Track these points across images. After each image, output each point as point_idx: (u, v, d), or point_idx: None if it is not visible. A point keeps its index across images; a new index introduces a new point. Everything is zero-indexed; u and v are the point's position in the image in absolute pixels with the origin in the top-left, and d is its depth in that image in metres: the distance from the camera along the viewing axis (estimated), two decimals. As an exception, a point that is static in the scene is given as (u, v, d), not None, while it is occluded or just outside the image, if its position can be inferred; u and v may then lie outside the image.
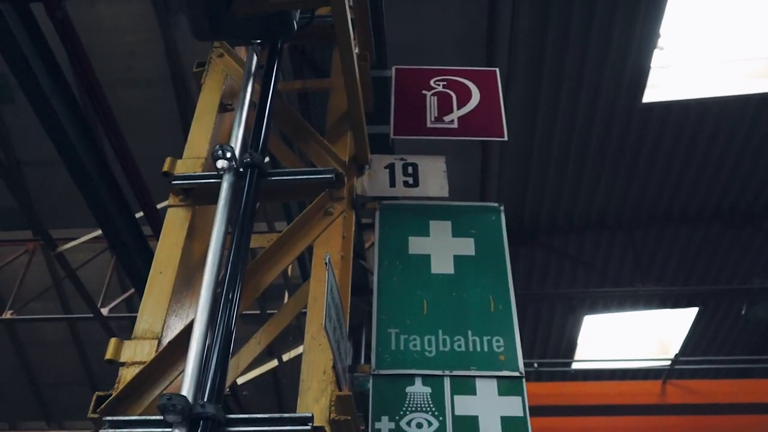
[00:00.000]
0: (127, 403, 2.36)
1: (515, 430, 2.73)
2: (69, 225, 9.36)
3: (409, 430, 2.70)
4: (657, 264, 11.28)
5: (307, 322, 2.56)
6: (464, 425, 2.72)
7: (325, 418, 2.28)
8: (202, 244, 2.91)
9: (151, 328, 2.58)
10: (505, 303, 3.09)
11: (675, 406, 10.43)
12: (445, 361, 2.90)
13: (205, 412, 2.11)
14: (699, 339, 12.44)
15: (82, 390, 13.23)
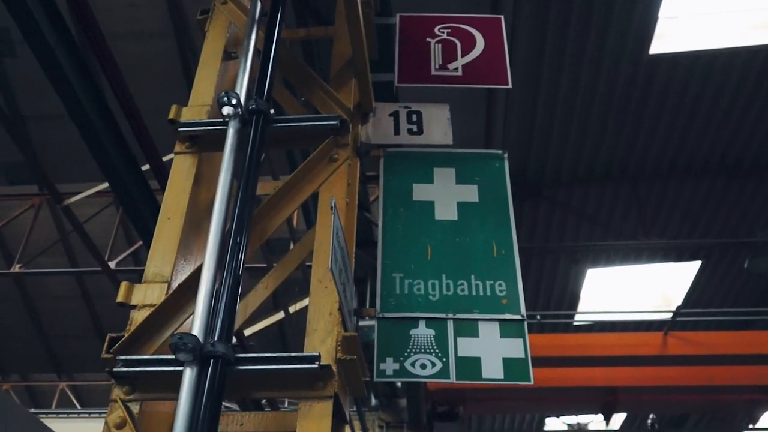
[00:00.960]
0: (139, 344, 2.42)
1: (517, 370, 2.80)
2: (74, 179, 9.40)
3: (413, 370, 2.77)
4: (661, 217, 11.31)
5: (314, 265, 2.61)
6: (467, 366, 2.78)
7: (332, 358, 2.33)
8: (209, 191, 2.94)
9: (161, 272, 2.62)
10: (507, 248, 3.13)
11: (675, 357, 10.56)
12: (448, 305, 2.95)
13: (215, 351, 2.17)
14: (701, 292, 12.53)
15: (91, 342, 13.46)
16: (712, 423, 16.20)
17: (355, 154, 3.11)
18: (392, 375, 2.79)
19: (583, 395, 11.33)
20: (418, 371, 2.77)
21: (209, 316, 2.26)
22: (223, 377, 2.16)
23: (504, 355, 2.81)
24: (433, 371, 2.76)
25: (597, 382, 10.95)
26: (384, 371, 2.78)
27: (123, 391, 2.33)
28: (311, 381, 2.27)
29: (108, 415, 2.29)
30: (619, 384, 10.94)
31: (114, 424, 2.25)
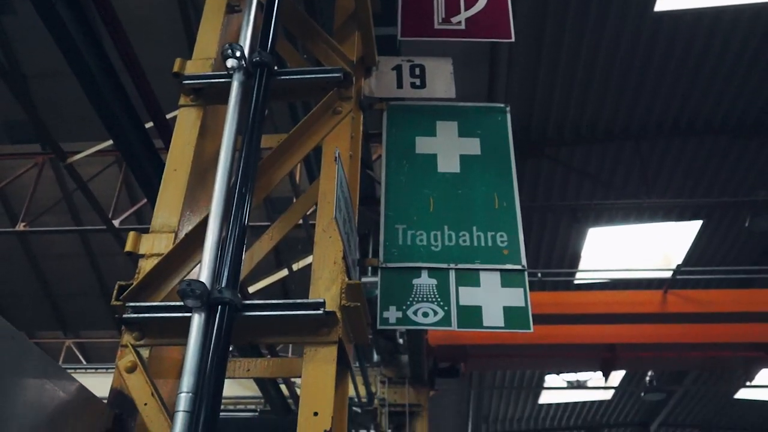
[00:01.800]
0: (148, 292, 2.47)
1: (517, 318, 2.86)
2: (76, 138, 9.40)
3: (415, 318, 2.83)
4: (663, 176, 11.32)
5: (318, 215, 2.65)
6: (468, 314, 2.85)
7: (336, 305, 2.39)
8: (214, 144, 2.97)
9: (168, 222, 2.67)
10: (509, 200, 3.17)
11: (675, 314, 10.67)
12: (450, 255, 3.00)
13: (223, 297, 2.22)
14: (702, 251, 12.60)
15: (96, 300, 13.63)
16: (709, 380, 16.44)
17: (359, 107, 3.13)
18: (395, 323, 2.85)
19: (582, 352, 11.49)
20: (420, 319, 2.83)
21: (216, 263, 2.30)
22: (231, 323, 2.22)
23: (505, 304, 2.87)
24: (435, 319, 2.83)
25: (596, 339, 11.10)
26: (387, 319, 2.84)
27: (133, 336, 2.40)
28: (316, 327, 2.33)
29: (119, 360, 2.36)
30: (619, 341, 11.09)
31: (125, 368, 2.32)
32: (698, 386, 16.57)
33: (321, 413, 2.20)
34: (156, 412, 2.21)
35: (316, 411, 2.20)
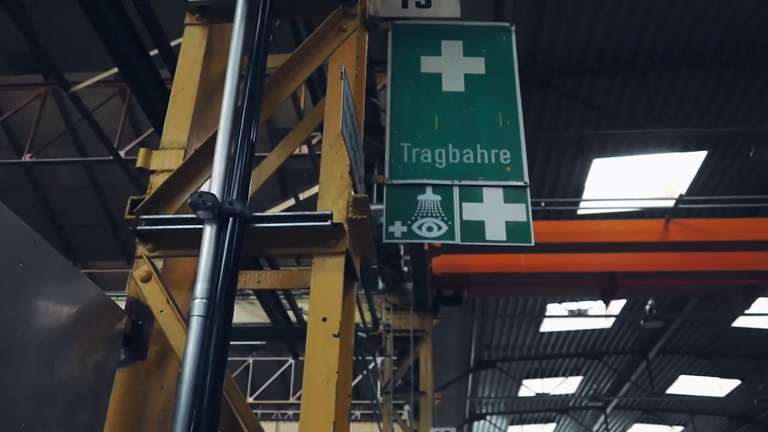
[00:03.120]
0: (160, 205, 2.54)
1: (519, 233, 2.93)
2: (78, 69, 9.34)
3: (420, 232, 2.91)
4: (669, 107, 11.25)
5: (325, 131, 2.70)
6: (471, 229, 2.92)
7: (343, 217, 2.46)
8: (220, 64, 2.99)
9: (177, 139, 2.72)
10: (512, 118, 3.20)
11: (676, 243, 10.80)
12: (454, 172, 3.06)
13: (234, 209, 2.29)
14: (706, 182, 12.62)
15: (103, 231, 13.80)
16: (708, 308, 16.72)
17: (364, 26, 3.13)
18: (400, 237, 2.93)
19: (583, 280, 11.68)
20: (424, 233, 2.91)
21: (226, 177, 2.36)
22: (241, 234, 2.29)
23: (507, 219, 2.93)
24: (439, 234, 2.90)
25: (598, 268, 11.27)
26: (392, 233, 2.92)
27: (147, 248, 2.48)
28: (324, 238, 2.41)
29: (134, 270, 2.45)
30: (620, 269, 11.25)
31: (140, 278, 2.41)
32: (697, 315, 16.86)
33: (329, 319, 2.30)
34: (172, 318, 2.31)
35: (325, 317, 2.30)
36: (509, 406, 24.49)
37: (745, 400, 21.12)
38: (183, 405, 2.06)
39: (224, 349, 2.17)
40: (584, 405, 24.27)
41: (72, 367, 1.99)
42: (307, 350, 2.28)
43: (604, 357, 20.14)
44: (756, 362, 19.09)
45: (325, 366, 2.22)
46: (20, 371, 1.74)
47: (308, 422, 2.16)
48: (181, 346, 2.18)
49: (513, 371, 20.63)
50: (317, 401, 2.18)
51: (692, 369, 20.55)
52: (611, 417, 24.96)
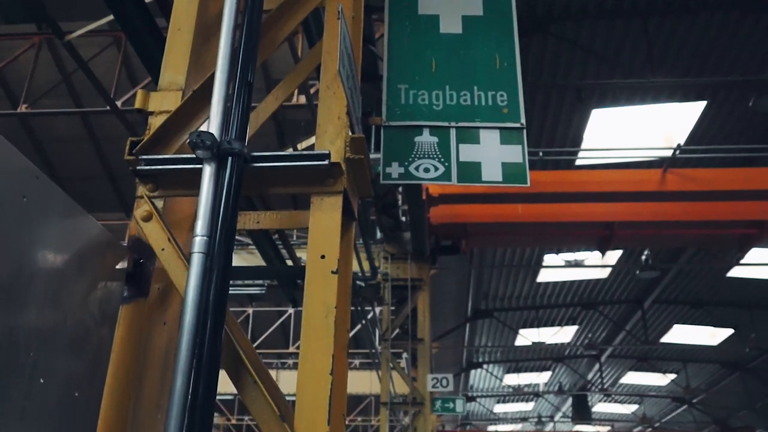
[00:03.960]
0: (159, 146, 2.56)
1: (515, 174, 2.96)
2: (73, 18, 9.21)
3: (417, 173, 2.94)
4: (670, 55, 11.15)
5: (322, 72, 2.69)
6: (467, 170, 2.94)
7: (341, 157, 2.49)
8: (217, 4, 2.97)
9: (175, 80, 2.72)
10: (510, 60, 3.20)
11: (673, 192, 10.84)
12: (451, 114, 3.07)
13: (232, 148, 2.31)
14: (705, 132, 12.59)
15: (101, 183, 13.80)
16: (704, 258, 16.87)
17: (361, -33, 3.09)
18: (397, 178, 2.96)
19: (580, 230, 11.76)
20: (421, 174, 2.94)
21: (224, 116, 2.38)
22: (240, 173, 2.32)
23: (503, 160, 2.96)
24: (436, 175, 2.93)
25: (594, 218, 11.34)
26: (390, 174, 2.95)
27: (147, 188, 2.51)
28: (322, 177, 2.43)
29: (135, 210, 2.48)
30: (617, 219, 11.33)
31: (141, 218, 2.45)
32: (692, 265, 17.01)
33: (328, 256, 2.34)
34: (173, 256, 2.35)
35: (323, 254, 2.34)
36: (506, 354, 24.90)
37: (738, 348, 21.49)
38: (185, 340, 2.12)
39: (225, 285, 2.21)
40: (579, 354, 24.68)
41: (77, 301, 2.03)
42: (306, 287, 2.33)
43: (600, 307, 20.40)
44: (749, 312, 19.35)
45: (324, 301, 2.28)
46: (27, 303, 1.79)
47: (308, 356, 2.22)
48: (183, 283, 2.22)
49: (510, 321, 20.92)
50: (317, 336, 2.24)
51: (686, 318, 20.84)
52: (606, 365, 25.42)
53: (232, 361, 2.21)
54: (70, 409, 1.97)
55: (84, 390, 2.06)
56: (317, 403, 2.14)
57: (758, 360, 22.72)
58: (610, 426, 32.88)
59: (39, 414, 1.82)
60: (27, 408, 1.77)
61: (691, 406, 28.33)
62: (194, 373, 2.08)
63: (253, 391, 2.16)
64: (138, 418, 2.26)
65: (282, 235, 8.40)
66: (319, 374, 2.18)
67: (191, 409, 2.04)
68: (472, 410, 31.99)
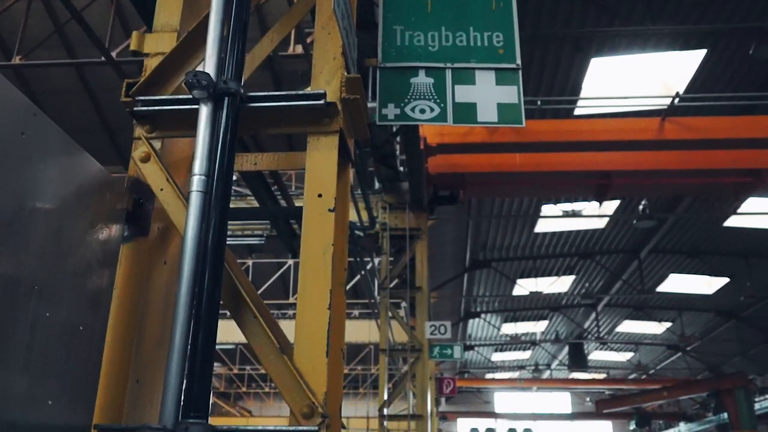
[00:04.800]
0: (155, 88, 2.57)
1: (510, 114, 2.97)
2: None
3: (413, 114, 2.95)
4: (671, 2, 11.00)
5: (317, 13, 2.68)
6: (463, 111, 2.95)
7: (337, 97, 2.50)
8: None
9: (170, 21, 2.71)
10: (506, 1, 3.18)
11: (671, 141, 10.83)
12: (447, 55, 3.06)
13: (228, 88, 2.32)
14: (704, 80, 12.50)
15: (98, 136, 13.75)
16: (701, 208, 16.94)
17: None
18: (393, 119, 2.97)
19: (578, 179, 11.78)
20: (417, 115, 2.95)
21: (220, 56, 2.38)
22: (237, 112, 2.34)
23: (499, 101, 2.96)
24: (432, 115, 2.94)
25: (592, 167, 11.35)
26: (386, 115, 2.96)
27: (144, 129, 2.53)
28: (318, 117, 2.45)
29: (133, 151, 2.50)
30: (614, 168, 11.34)
31: (139, 158, 2.47)
32: (689, 214, 17.09)
33: (325, 195, 2.37)
34: (172, 195, 2.38)
35: (320, 193, 2.38)
36: (503, 304, 25.20)
37: (733, 297, 21.75)
38: (186, 277, 2.17)
39: (224, 223, 2.25)
40: (576, 303, 24.98)
41: (79, 237, 2.07)
42: (303, 226, 2.37)
43: (597, 257, 20.56)
44: (745, 260, 19.52)
45: (321, 238, 2.32)
46: (29, 237, 1.83)
47: (306, 292, 2.28)
48: (182, 222, 2.26)
49: (507, 271, 21.11)
50: (315, 272, 2.29)
51: (682, 268, 21.04)
52: (602, 314, 25.75)
53: (233, 297, 2.26)
54: (75, 342, 2.03)
55: (88, 324, 2.11)
56: (316, 337, 2.20)
57: (752, 308, 23.02)
58: (606, 373, 33.48)
59: (45, 346, 1.88)
60: (34, 340, 1.82)
61: (685, 353, 28.82)
62: (195, 309, 2.13)
63: (253, 325, 2.22)
64: (141, 353, 2.33)
65: (280, 184, 8.42)
66: (317, 309, 2.23)
67: (193, 343, 2.10)
68: (470, 359, 32.55)
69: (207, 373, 2.06)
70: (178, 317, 2.11)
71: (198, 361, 2.06)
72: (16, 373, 1.75)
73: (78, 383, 2.06)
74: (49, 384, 1.90)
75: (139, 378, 2.31)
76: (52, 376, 1.91)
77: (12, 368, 1.74)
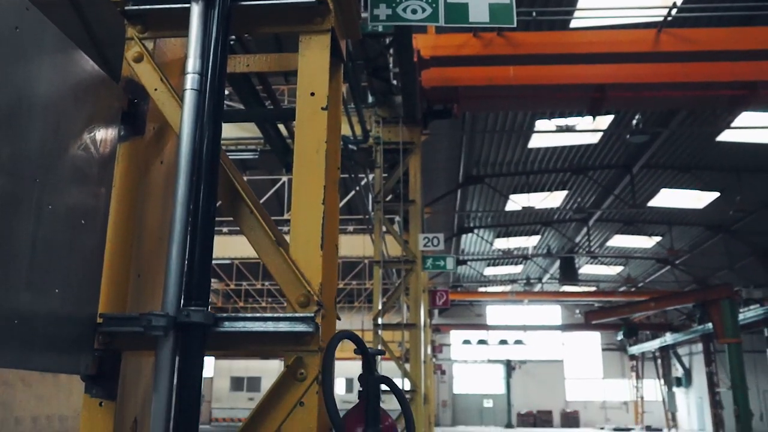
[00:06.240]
0: (145, -13, 2.55)
1: (502, 14, 2.95)
2: None
3: (404, 15, 2.93)
4: None
5: None
6: (455, 11, 2.94)
7: (328, -7, 2.49)
8: None
9: None
10: None
11: (666, 53, 10.73)
12: (439, -45, 3.03)
13: (219, -11, 2.31)
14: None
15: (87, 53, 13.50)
16: (694, 123, 16.93)
17: None
18: (385, 20, 2.96)
19: (572, 92, 11.72)
20: (409, 15, 2.93)
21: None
22: (229, 11, 2.34)
23: (490, 1, 2.95)
24: (423, 16, 2.93)
25: (587, 79, 11.28)
26: (377, 16, 2.95)
27: (137, 29, 2.52)
28: (310, 16, 2.45)
29: (126, 52, 2.51)
30: (608, 81, 11.27)
31: (132, 59, 2.48)
32: (683, 129, 17.10)
33: (317, 93, 2.40)
34: (166, 95, 2.41)
35: (313, 92, 2.41)
36: (496, 219, 25.49)
37: (722, 211, 22.02)
38: (183, 175, 2.23)
39: (218, 122, 2.29)
40: (568, 218, 25.29)
41: (76, 135, 2.12)
42: (297, 125, 2.41)
43: (590, 172, 20.67)
44: (737, 175, 19.67)
45: (314, 136, 2.36)
46: (28, 131, 1.87)
47: (300, 188, 2.34)
48: (177, 121, 2.30)
49: (500, 186, 21.25)
50: (308, 169, 2.35)
51: (674, 182, 21.21)
52: (593, 229, 26.11)
53: (229, 192, 2.33)
54: (78, 236, 2.11)
55: (90, 219, 2.18)
56: (311, 230, 2.28)
57: (741, 222, 23.37)
58: (596, 286, 34.25)
59: (50, 238, 1.95)
60: (38, 231, 1.90)
61: (673, 266, 29.42)
62: (193, 205, 2.20)
63: (250, 220, 2.30)
64: (141, 248, 2.41)
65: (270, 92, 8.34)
66: (311, 204, 2.30)
67: (192, 236, 2.18)
68: (462, 273, 33.15)
69: (206, 264, 2.15)
70: (176, 213, 2.18)
71: (197, 252, 2.14)
72: (23, 261, 1.83)
73: (83, 275, 2.14)
74: (55, 274, 1.98)
75: (140, 272, 2.41)
76: (57, 267, 2.00)
77: (19, 256, 1.82)
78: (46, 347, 1.96)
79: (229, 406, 37.58)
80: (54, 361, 2.02)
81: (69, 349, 2.09)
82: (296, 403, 2.15)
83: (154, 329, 2.05)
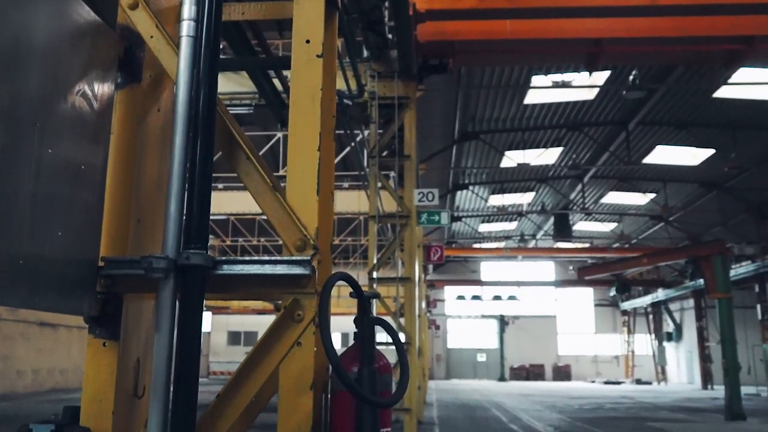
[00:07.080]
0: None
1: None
2: None
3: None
4: None
5: None
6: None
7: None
8: None
9: None
10: None
11: (664, 7, 10.64)
12: None
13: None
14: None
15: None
16: (691, 79, 16.87)
17: None
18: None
19: (569, 47, 11.65)
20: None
21: None
22: (223, -42, 2.34)
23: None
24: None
25: (583, 34, 11.20)
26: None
27: (131, -25, 2.52)
28: (305, -37, 2.45)
29: None
30: (605, 35, 11.19)
31: (127, 6, 2.47)
32: (680, 85, 17.04)
33: (312, 41, 2.42)
34: (162, 43, 2.42)
35: (308, 39, 2.42)
36: (491, 176, 25.52)
37: (717, 168, 22.08)
38: (180, 121, 2.25)
39: (214, 68, 2.31)
40: (563, 174, 25.32)
41: (74, 81, 2.14)
42: (292, 73, 2.43)
43: (585, 128, 20.65)
44: (732, 132, 19.68)
45: (310, 84, 2.39)
46: (27, 75, 1.89)
47: (296, 135, 2.37)
48: (174, 68, 2.32)
49: (496, 143, 21.23)
50: (304, 117, 2.38)
51: (669, 139, 21.21)
52: (588, 185, 26.19)
53: (226, 138, 2.36)
54: (79, 180, 2.14)
55: (90, 164, 2.22)
56: (307, 176, 2.32)
57: (735, 179, 23.46)
58: (590, 243, 34.49)
59: (51, 182, 1.99)
60: (40, 174, 1.93)
61: (667, 223, 29.62)
62: (191, 151, 2.24)
63: (247, 165, 2.34)
64: (140, 194, 2.45)
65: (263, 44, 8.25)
66: (307, 150, 2.34)
67: (190, 182, 2.22)
68: (457, 230, 33.32)
69: (205, 208, 2.20)
70: (175, 158, 2.22)
71: (196, 197, 2.19)
72: (25, 203, 1.87)
73: (84, 220, 2.19)
74: (56, 218, 2.02)
75: (140, 218, 2.45)
76: (59, 211, 2.04)
77: (21, 199, 1.86)
78: (51, 288, 2.02)
79: (226, 360, 38.16)
80: (58, 302, 2.08)
81: (72, 291, 2.15)
82: (293, 343, 2.22)
83: (155, 271, 2.10)
